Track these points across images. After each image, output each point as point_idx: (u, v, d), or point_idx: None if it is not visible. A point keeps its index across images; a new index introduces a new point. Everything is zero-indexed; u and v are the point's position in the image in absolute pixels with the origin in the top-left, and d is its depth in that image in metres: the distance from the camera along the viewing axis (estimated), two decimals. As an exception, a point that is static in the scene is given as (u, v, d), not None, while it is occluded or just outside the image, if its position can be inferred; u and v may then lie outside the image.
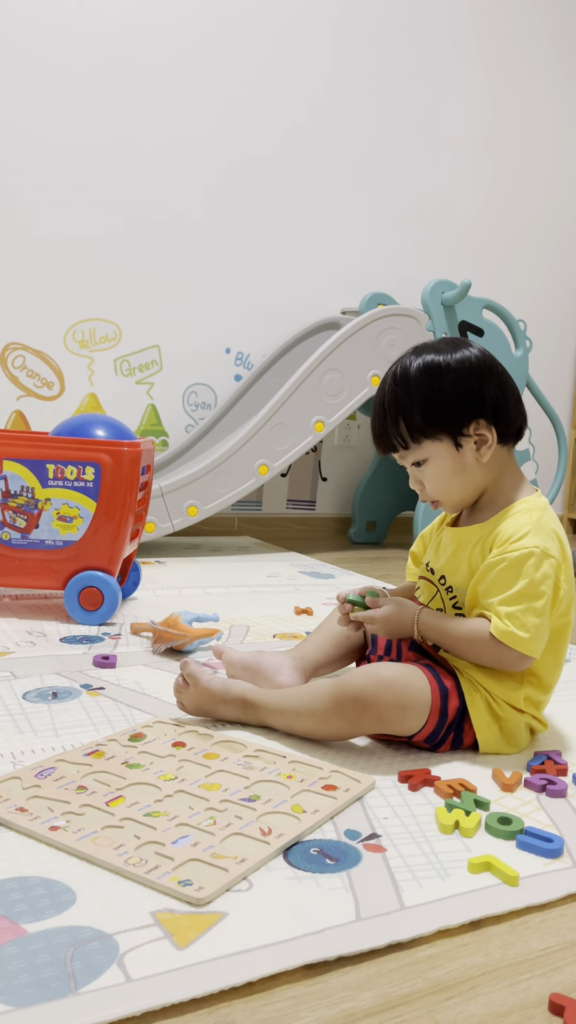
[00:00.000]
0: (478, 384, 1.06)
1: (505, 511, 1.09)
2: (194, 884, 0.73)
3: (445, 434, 1.07)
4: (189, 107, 2.57)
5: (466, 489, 1.11)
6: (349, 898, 0.74)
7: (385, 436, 1.10)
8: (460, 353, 1.07)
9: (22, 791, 0.89)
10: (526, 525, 1.05)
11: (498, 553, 1.04)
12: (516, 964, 0.68)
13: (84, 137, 2.44)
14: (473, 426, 1.07)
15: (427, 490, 1.11)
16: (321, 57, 2.75)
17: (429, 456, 1.08)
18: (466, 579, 1.10)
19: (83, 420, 1.73)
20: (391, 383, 1.09)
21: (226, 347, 2.72)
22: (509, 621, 1.01)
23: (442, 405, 1.06)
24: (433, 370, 1.06)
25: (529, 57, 3.13)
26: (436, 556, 1.17)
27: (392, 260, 2.93)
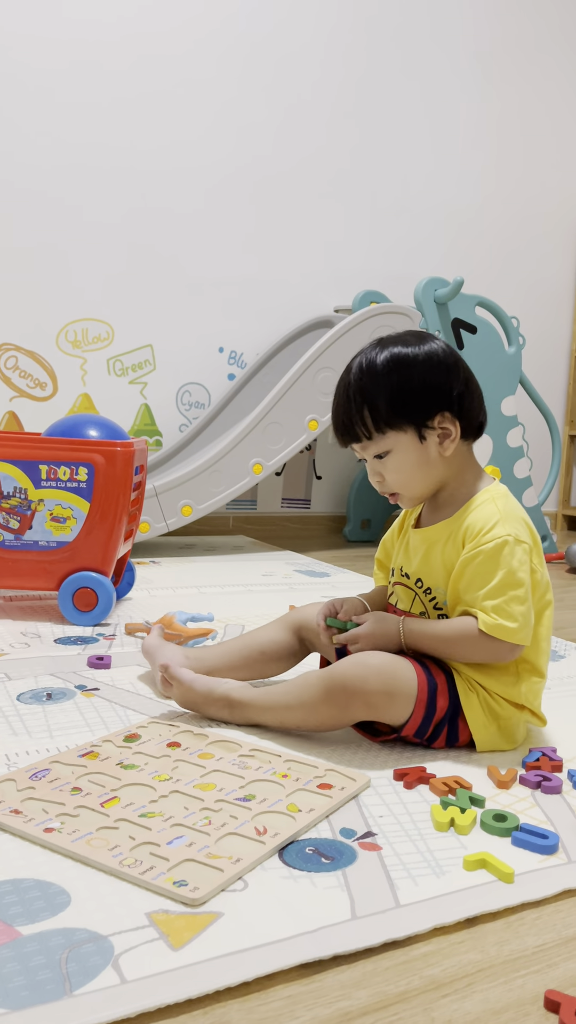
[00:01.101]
0: (444, 377, 1.06)
1: (468, 504, 1.09)
2: (189, 884, 0.73)
3: (410, 425, 1.06)
4: (184, 108, 2.57)
5: (427, 482, 1.10)
6: (344, 897, 0.74)
7: (349, 426, 1.08)
8: (427, 346, 1.07)
9: (16, 793, 0.89)
10: (494, 515, 1.05)
11: (472, 547, 1.04)
12: (512, 961, 0.68)
13: (78, 137, 2.44)
14: (438, 419, 1.06)
15: (387, 482, 1.10)
16: (315, 56, 2.75)
17: (392, 447, 1.07)
18: (443, 579, 1.09)
19: (76, 420, 1.73)
20: (357, 373, 1.07)
21: (219, 346, 2.71)
22: (496, 614, 1.01)
23: (409, 396, 1.05)
24: (400, 361, 1.05)
25: (521, 55, 3.13)
26: (407, 560, 1.15)
27: (385, 258, 2.93)
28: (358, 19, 2.81)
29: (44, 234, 2.43)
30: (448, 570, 1.08)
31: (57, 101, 2.41)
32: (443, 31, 2.96)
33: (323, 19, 2.75)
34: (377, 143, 2.89)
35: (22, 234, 2.40)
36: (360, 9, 2.80)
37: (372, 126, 2.88)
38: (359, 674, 1.02)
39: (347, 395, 1.08)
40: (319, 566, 2.32)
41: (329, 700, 1.04)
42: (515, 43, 3.11)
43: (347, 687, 1.02)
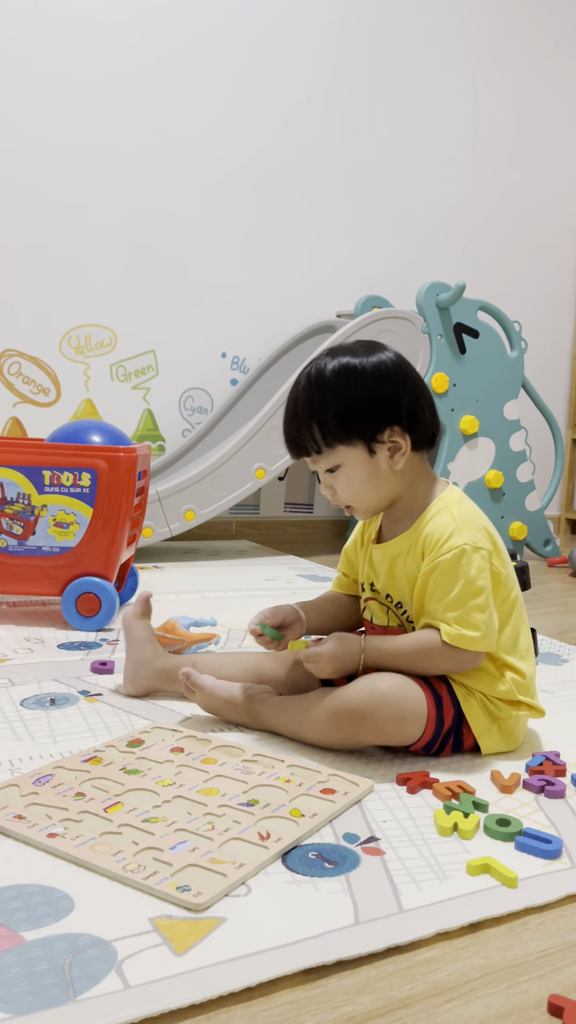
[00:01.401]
0: (393, 389, 1.04)
1: (424, 514, 1.08)
2: (192, 889, 0.73)
3: (359, 439, 1.04)
4: (184, 113, 2.58)
5: (379, 495, 1.09)
6: (348, 902, 0.74)
7: (298, 440, 1.07)
8: (376, 357, 1.05)
9: (20, 798, 0.89)
10: (449, 524, 1.05)
11: (431, 559, 1.04)
12: (515, 966, 0.68)
13: (79, 142, 2.45)
14: (387, 432, 1.04)
15: (339, 496, 1.09)
16: (316, 61, 2.75)
17: (342, 462, 1.06)
18: (409, 592, 1.08)
19: (79, 426, 1.73)
20: (305, 385, 1.05)
21: (222, 351, 2.72)
22: (458, 624, 1.01)
23: (357, 410, 1.03)
24: (349, 374, 1.04)
25: (524, 61, 3.13)
26: (374, 574, 1.14)
27: (387, 263, 2.93)
28: (360, 24, 2.82)
29: (46, 240, 2.43)
30: (412, 583, 1.08)
31: (58, 106, 2.42)
32: (443, 36, 2.97)
33: (324, 24, 2.76)
34: (379, 148, 2.90)
35: (25, 240, 2.41)
36: (361, 14, 2.81)
37: (374, 131, 2.88)
38: (367, 703, 1.01)
39: (295, 409, 1.06)
40: (322, 570, 2.32)
41: (336, 725, 1.03)
42: (515, 48, 3.11)
43: (356, 715, 1.01)
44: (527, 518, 2.64)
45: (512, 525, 2.60)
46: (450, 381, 2.47)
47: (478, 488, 2.54)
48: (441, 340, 2.46)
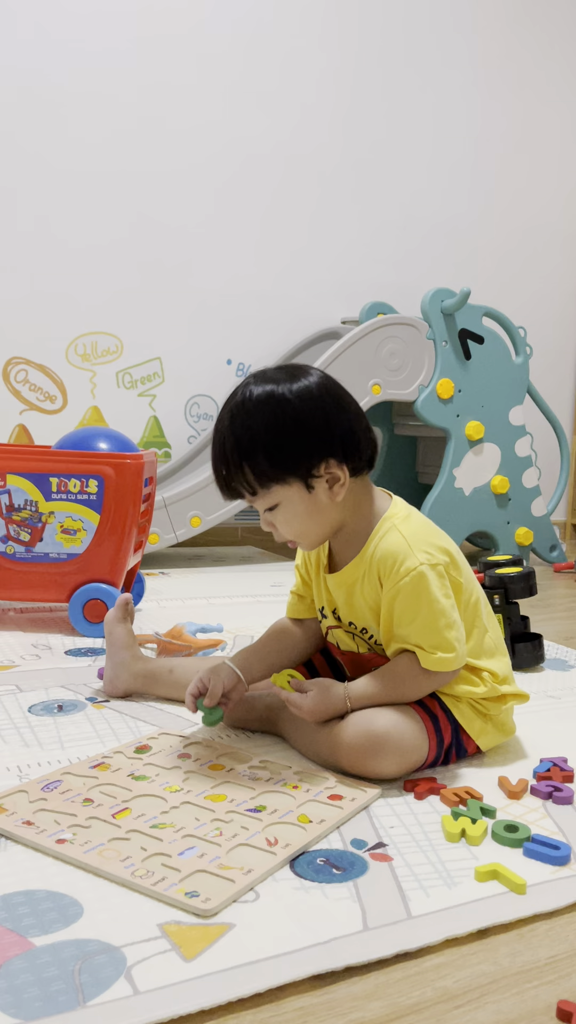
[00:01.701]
0: (324, 420, 0.98)
1: (372, 536, 1.04)
2: (201, 895, 0.73)
3: (294, 478, 0.99)
4: (188, 121, 2.59)
5: (322, 529, 1.04)
6: (356, 908, 0.74)
7: (229, 483, 1.00)
8: (300, 385, 0.98)
9: (28, 804, 0.89)
10: (400, 545, 1.01)
11: (391, 586, 1.00)
12: (524, 972, 0.68)
13: (85, 152, 2.46)
14: (323, 466, 0.99)
15: (281, 532, 1.04)
16: (322, 68, 2.77)
17: (280, 500, 1.00)
18: (372, 618, 1.05)
19: (86, 433, 1.74)
20: (229, 425, 0.98)
21: (227, 358, 2.72)
22: (433, 649, 1.00)
23: (288, 450, 0.97)
24: (274, 409, 0.97)
25: (528, 69, 3.14)
26: (334, 602, 1.10)
27: (392, 269, 2.94)
28: (365, 33, 2.83)
29: (53, 249, 2.45)
30: (373, 610, 1.05)
31: (63, 115, 2.43)
32: (448, 46, 2.98)
33: (329, 32, 2.77)
34: (384, 156, 2.91)
35: (31, 248, 2.42)
36: (367, 24, 2.83)
37: (378, 139, 2.89)
38: (367, 745, 0.98)
39: (223, 453, 0.99)
40: (328, 577, 2.32)
41: (338, 762, 1.01)
42: (519, 57, 3.12)
43: (356, 757, 0.99)
44: (533, 523, 2.64)
45: (518, 530, 2.60)
46: (455, 387, 2.47)
47: (484, 493, 2.54)
48: (446, 346, 2.47)
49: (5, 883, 0.75)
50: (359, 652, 1.11)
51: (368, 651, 1.09)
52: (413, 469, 2.90)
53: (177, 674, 1.25)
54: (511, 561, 1.64)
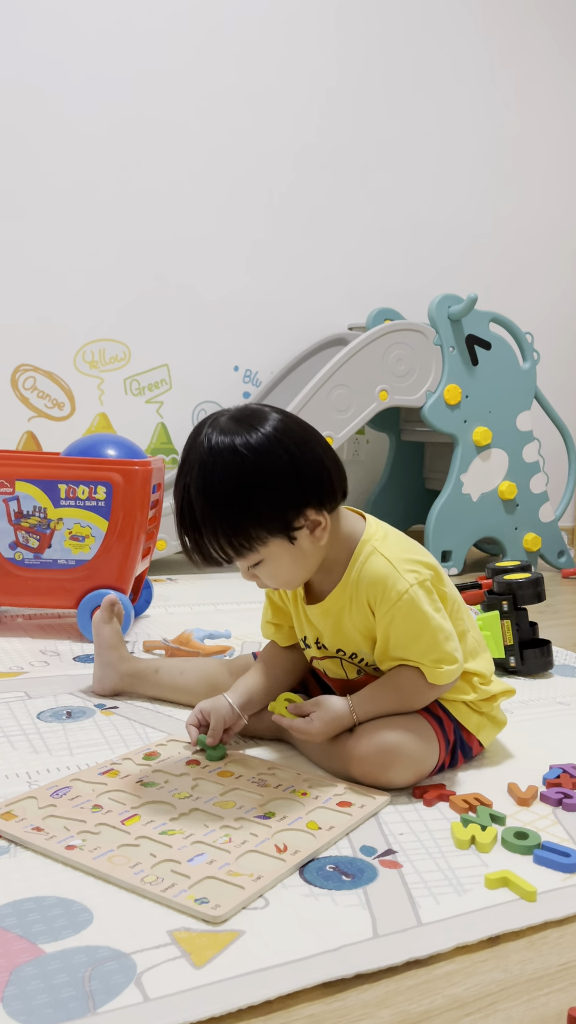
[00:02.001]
0: (293, 471, 0.93)
1: (353, 560, 1.01)
2: (211, 902, 0.73)
3: (274, 536, 0.95)
4: (193, 127, 2.60)
5: (308, 572, 1.01)
6: (366, 915, 0.74)
7: (207, 555, 0.95)
8: (257, 438, 0.91)
9: (38, 810, 0.89)
10: (385, 568, 0.99)
11: (385, 611, 0.99)
12: (535, 980, 0.67)
13: (91, 158, 2.47)
14: (302, 519, 0.96)
15: (266, 582, 1.01)
16: (326, 75, 2.78)
17: (263, 558, 0.96)
18: (363, 643, 1.04)
19: (94, 440, 1.74)
20: (196, 496, 0.92)
21: (234, 364, 2.73)
22: (439, 664, 1.00)
23: (262, 512, 0.92)
24: (240, 476, 0.91)
25: (538, 74, 3.14)
26: (317, 632, 1.08)
27: (398, 275, 2.94)
28: (372, 36, 2.84)
29: (61, 256, 2.46)
30: (364, 634, 1.03)
31: (67, 128, 2.44)
32: (457, 50, 2.98)
33: (337, 34, 2.78)
34: (390, 160, 2.91)
35: (40, 256, 2.43)
36: (372, 27, 2.83)
37: (385, 143, 2.90)
38: (382, 759, 0.98)
39: (192, 523, 0.93)
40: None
41: (350, 775, 1.00)
42: (529, 62, 3.13)
43: (371, 771, 0.98)
44: (541, 529, 2.63)
45: (526, 536, 2.59)
46: (463, 393, 2.47)
47: (491, 500, 2.54)
48: (453, 352, 2.47)
49: (15, 889, 0.76)
50: (348, 679, 1.10)
51: (357, 675, 1.08)
52: (420, 475, 2.90)
53: (162, 674, 1.27)
54: (519, 567, 1.63)
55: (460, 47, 3.00)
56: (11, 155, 2.39)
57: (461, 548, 2.48)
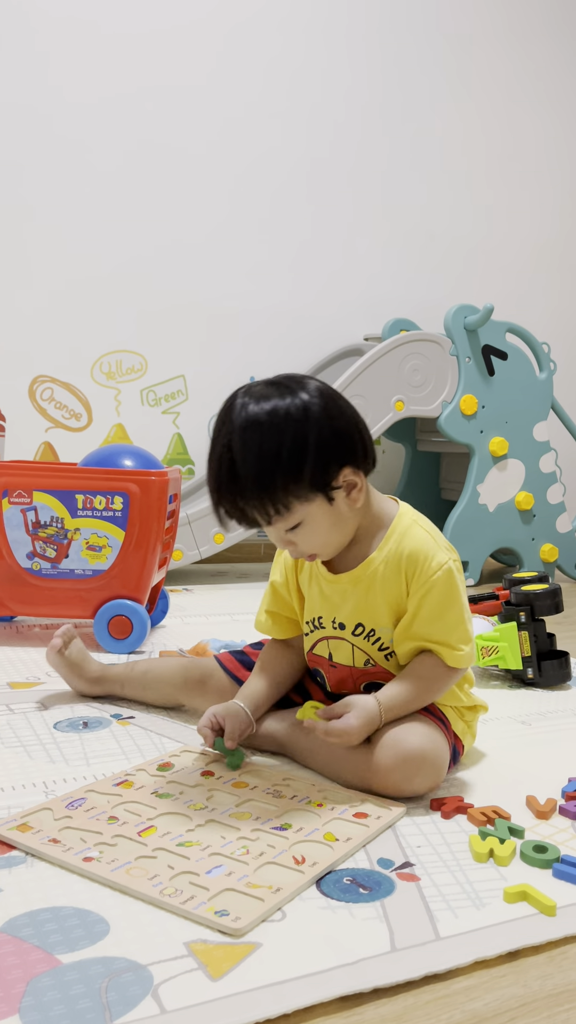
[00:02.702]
0: (333, 429, 0.95)
1: (390, 532, 1.03)
2: (231, 914, 0.73)
3: (315, 494, 0.96)
4: (212, 139, 2.62)
5: (344, 536, 1.03)
6: (383, 928, 0.73)
7: (243, 513, 0.95)
8: (300, 398, 0.94)
9: (54, 822, 0.89)
10: (427, 540, 1.02)
11: (422, 581, 1.01)
12: (555, 995, 0.67)
13: (106, 169, 2.49)
14: (341, 476, 0.97)
15: (302, 548, 1.00)
16: (338, 86, 2.79)
17: (302, 519, 0.97)
18: (387, 617, 1.04)
19: (111, 450, 1.75)
20: (241, 455, 0.92)
21: (250, 375, 2.73)
22: (461, 644, 1.02)
23: (305, 467, 0.93)
24: (284, 429, 0.92)
25: (553, 79, 3.15)
26: (332, 609, 1.07)
27: (414, 286, 2.94)
28: (386, 43, 2.85)
29: (78, 269, 2.48)
30: (391, 606, 1.04)
31: (83, 137, 2.47)
32: (471, 58, 2.99)
33: (349, 42, 2.80)
34: (406, 171, 2.92)
35: (54, 269, 2.45)
36: (389, 39, 2.85)
37: (401, 154, 2.91)
38: (404, 768, 0.97)
39: (232, 482, 0.93)
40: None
41: (367, 785, 1.00)
42: (544, 68, 3.13)
43: (389, 782, 0.98)
44: (558, 540, 2.62)
45: (543, 547, 2.58)
46: (479, 403, 2.47)
47: (508, 510, 2.53)
48: (469, 362, 2.46)
49: (31, 899, 0.76)
50: (354, 665, 1.08)
51: (365, 663, 1.07)
52: (436, 485, 2.89)
53: (127, 690, 1.29)
54: (537, 578, 1.63)
55: (477, 56, 3.01)
56: (26, 167, 2.41)
57: (478, 559, 2.47)
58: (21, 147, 2.40)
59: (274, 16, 2.67)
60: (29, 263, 2.43)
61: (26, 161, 2.40)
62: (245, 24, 2.63)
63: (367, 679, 1.09)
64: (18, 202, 2.41)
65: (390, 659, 1.07)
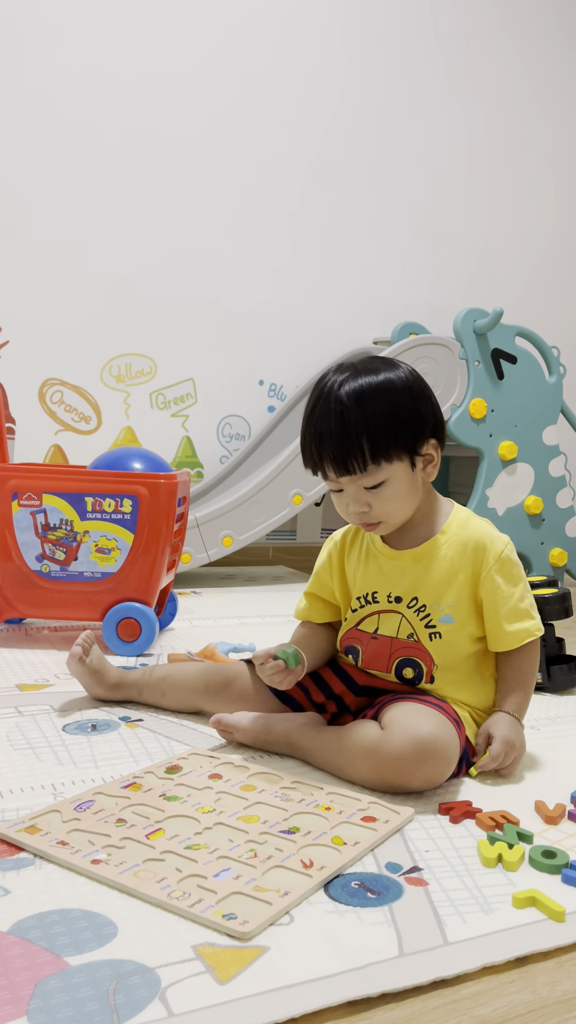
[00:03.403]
0: (428, 403, 1.07)
1: (449, 522, 1.12)
2: (239, 917, 0.73)
3: (406, 454, 1.05)
4: (220, 144, 2.62)
5: (411, 508, 1.10)
6: (391, 933, 0.73)
7: (342, 460, 1.03)
8: (403, 371, 1.06)
9: (62, 824, 0.89)
10: (485, 528, 1.13)
11: (494, 560, 1.10)
12: (564, 1002, 0.66)
13: (117, 174, 2.50)
14: (427, 445, 1.07)
15: (374, 512, 1.07)
16: (347, 90, 2.79)
17: (388, 477, 1.05)
18: (450, 591, 1.10)
19: (120, 453, 1.75)
20: (352, 401, 1.02)
21: (259, 379, 2.74)
22: (534, 612, 1.13)
23: (405, 425, 1.04)
24: (391, 389, 1.04)
25: (560, 84, 3.14)
26: (389, 583, 1.13)
27: (423, 289, 2.94)
28: (394, 47, 2.85)
29: (88, 273, 2.48)
30: (451, 584, 1.10)
31: (96, 138, 2.48)
32: (479, 60, 2.99)
33: (354, 54, 2.80)
34: (414, 174, 2.92)
35: (65, 273, 2.46)
36: (393, 40, 2.85)
37: (409, 158, 2.91)
38: (416, 754, 0.98)
39: (343, 428, 1.02)
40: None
41: (380, 777, 1.00)
42: (552, 71, 3.13)
43: (402, 769, 0.99)
44: (567, 544, 2.61)
45: (552, 551, 2.57)
46: (488, 407, 2.46)
47: (517, 514, 2.52)
48: (479, 366, 2.46)
49: (39, 901, 0.76)
50: (397, 637, 1.12)
51: (407, 636, 1.11)
52: (446, 489, 2.89)
53: (145, 696, 1.29)
54: (546, 582, 1.62)
55: (484, 59, 3.00)
56: (34, 169, 2.42)
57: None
58: (29, 151, 2.41)
59: (290, 27, 2.67)
60: (39, 267, 2.44)
61: (36, 165, 2.41)
62: (245, 25, 2.64)
63: (403, 654, 1.11)
64: (26, 206, 2.42)
65: (432, 639, 1.10)
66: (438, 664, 1.10)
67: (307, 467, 1.09)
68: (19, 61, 2.37)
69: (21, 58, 2.37)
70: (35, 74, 2.39)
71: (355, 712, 1.16)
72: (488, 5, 2.99)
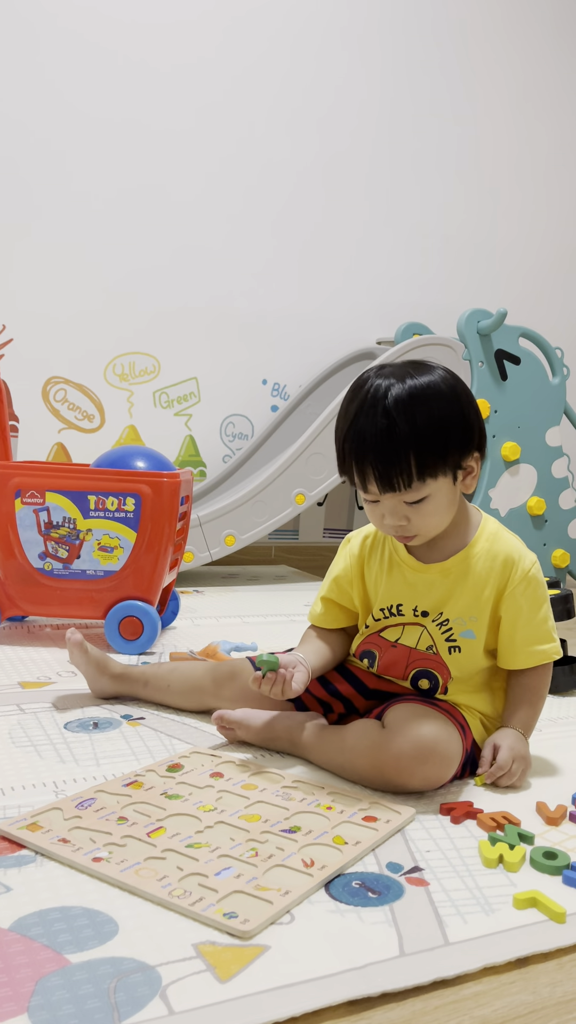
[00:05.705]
0: (472, 411, 1.01)
1: (480, 532, 1.10)
2: (239, 916, 0.73)
3: (451, 470, 1.00)
4: (224, 141, 2.62)
5: (447, 521, 1.05)
6: (392, 932, 0.73)
7: (388, 477, 0.97)
8: (447, 378, 1.00)
9: (63, 822, 0.89)
10: (515, 543, 1.10)
11: (521, 579, 1.08)
12: (565, 1003, 0.66)
13: (120, 174, 2.50)
14: (470, 458, 1.02)
15: (412, 526, 1.02)
16: (350, 89, 2.79)
17: (431, 493, 1.00)
18: (476, 607, 1.08)
19: (123, 452, 1.75)
20: (400, 414, 0.95)
21: (263, 378, 2.74)
22: (552, 634, 1.10)
23: (455, 438, 0.99)
24: (440, 403, 0.97)
25: (566, 88, 3.14)
26: (415, 597, 1.10)
27: (427, 290, 2.94)
28: (396, 46, 2.85)
29: (92, 272, 2.49)
30: (478, 600, 1.08)
31: (97, 135, 2.48)
32: (484, 62, 2.99)
33: (359, 53, 2.80)
34: (419, 175, 2.92)
35: (69, 271, 2.46)
36: (400, 41, 2.85)
37: (413, 158, 2.91)
38: (417, 754, 0.98)
39: (389, 441, 0.95)
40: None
41: (382, 777, 1.00)
42: (559, 74, 3.12)
43: (402, 770, 0.99)
44: (569, 545, 2.61)
45: (555, 553, 2.57)
46: (491, 408, 2.46)
47: (520, 515, 2.52)
48: (482, 367, 2.46)
49: (41, 898, 0.76)
50: (415, 647, 1.11)
51: (427, 648, 1.10)
52: (448, 489, 2.88)
53: (150, 688, 1.29)
54: (548, 583, 1.62)
55: (489, 61, 3.00)
56: (38, 166, 2.42)
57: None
58: (30, 151, 2.41)
59: (291, 26, 2.67)
60: (42, 265, 2.44)
61: (37, 164, 2.41)
62: (247, 28, 2.64)
63: (420, 665, 1.10)
64: (28, 205, 2.42)
65: (451, 653, 1.09)
66: (454, 677, 1.10)
67: (343, 476, 1.02)
68: (33, 58, 2.37)
69: (35, 55, 2.37)
70: (48, 71, 2.39)
71: (363, 715, 1.16)
72: (491, 4, 2.99)
